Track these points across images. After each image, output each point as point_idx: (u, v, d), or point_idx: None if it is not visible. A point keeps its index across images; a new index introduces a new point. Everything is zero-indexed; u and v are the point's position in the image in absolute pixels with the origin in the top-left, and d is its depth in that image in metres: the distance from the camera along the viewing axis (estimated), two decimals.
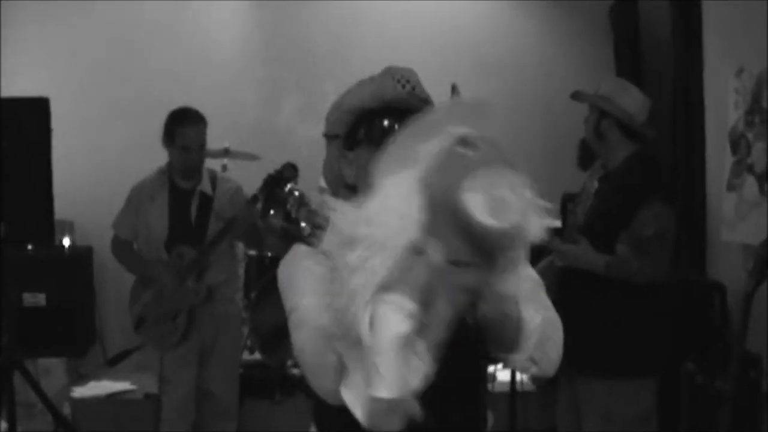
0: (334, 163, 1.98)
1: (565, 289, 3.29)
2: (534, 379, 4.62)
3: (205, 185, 4.33)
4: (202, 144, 4.28)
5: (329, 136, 2.01)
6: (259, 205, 3.98)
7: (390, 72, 2.01)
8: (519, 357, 1.73)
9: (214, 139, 5.72)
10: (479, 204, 1.34)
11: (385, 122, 1.85)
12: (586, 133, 3.73)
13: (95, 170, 6.19)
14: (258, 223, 4.17)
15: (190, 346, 4.25)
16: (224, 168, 5.78)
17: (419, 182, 1.41)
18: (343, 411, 1.63)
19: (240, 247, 5.06)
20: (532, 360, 1.75)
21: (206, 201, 4.30)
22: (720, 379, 3.47)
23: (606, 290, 3.46)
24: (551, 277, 3.38)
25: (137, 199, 4.32)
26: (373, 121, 1.87)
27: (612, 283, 3.45)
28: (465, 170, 1.36)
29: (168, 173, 4.33)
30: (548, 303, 1.85)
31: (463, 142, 1.40)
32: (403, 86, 1.94)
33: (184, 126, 4.22)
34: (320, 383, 1.74)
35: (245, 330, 5.32)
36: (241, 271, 5.37)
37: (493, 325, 1.65)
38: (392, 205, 1.41)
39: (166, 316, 4.21)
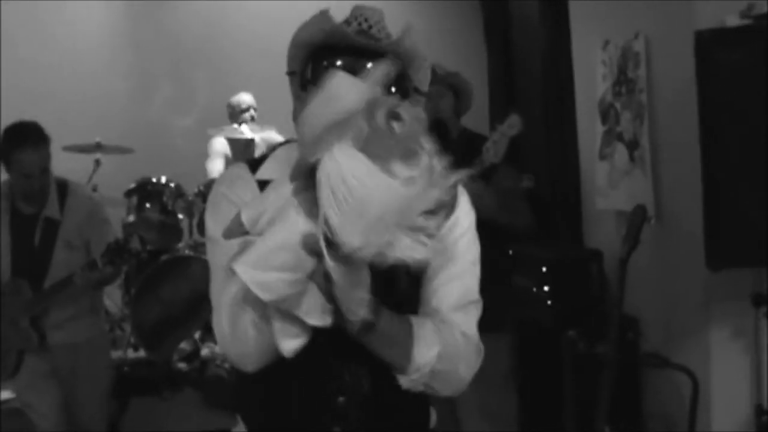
0: (294, 103, 1.79)
1: None
2: None
3: (51, 209, 3.83)
4: (44, 168, 3.73)
5: (289, 74, 1.80)
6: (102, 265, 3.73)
7: (353, 9, 1.74)
8: (406, 382, 1.65)
9: (84, 134, 5.58)
10: (399, 162, 1.32)
11: (326, 62, 1.66)
12: (443, 112, 3.83)
13: None
14: (98, 283, 3.77)
15: (45, 376, 3.88)
16: (97, 163, 5.63)
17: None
18: (261, 382, 1.62)
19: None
20: (424, 384, 1.67)
21: (52, 227, 3.82)
22: (600, 344, 3.56)
23: None
24: None
25: None
26: (318, 61, 1.68)
27: None
28: (393, 146, 1.32)
29: (10, 196, 3.83)
30: (467, 320, 1.75)
31: (393, 115, 1.34)
32: (359, 24, 1.68)
33: (21, 151, 3.65)
34: (235, 348, 1.61)
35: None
36: None
37: (373, 346, 1.59)
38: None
39: None
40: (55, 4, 6.45)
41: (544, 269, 4.20)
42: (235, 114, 6.25)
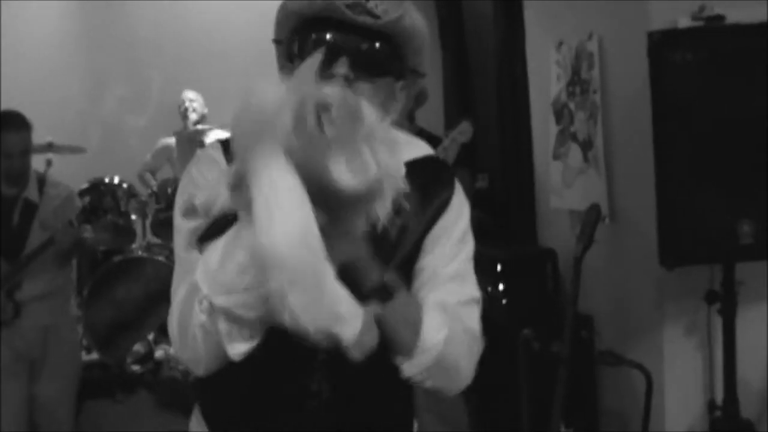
0: (279, 74, 1.66)
1: None
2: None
3: (31, 192, 4.06)
4: (26, 150, 4.00)
5: (276, 41, 1.69)
6: (78, 224, 3.85)
7: None
8: (410, 368, 1.58)
9: (36, 134, 5.49)
10: (341, 168, 1.23)
11: (314, 35, 1.55)
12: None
13: None
14: (77, 242, 3.96)
15: (14, 358, 3.97)
16: (49, 163, 5.55)
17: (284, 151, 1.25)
18: (222, 380, 1.54)
19: None
20: (429, 373, 1.58)
21: (30, 208, 4.04)
22: (556, 343, 3.58)
23: None
24: None
25: None
26: (306, 33, 1.58)
27: None
28: (328, 149, 1.23)
29: None
30: (470, 316, 1.69)
31: (322, 107, 1.24)
32: None
33: (5, 132, 3.91)
34: (186, 353, 1.53)
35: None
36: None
37: (385, 322, 1.49)
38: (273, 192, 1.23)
39: None
40: (5, 3, 6.35)
41: (498, 268, 4.22)
42: (182, 111, 6.21)
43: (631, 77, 3.57)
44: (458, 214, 1.70)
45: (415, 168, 1.51)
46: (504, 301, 4.18)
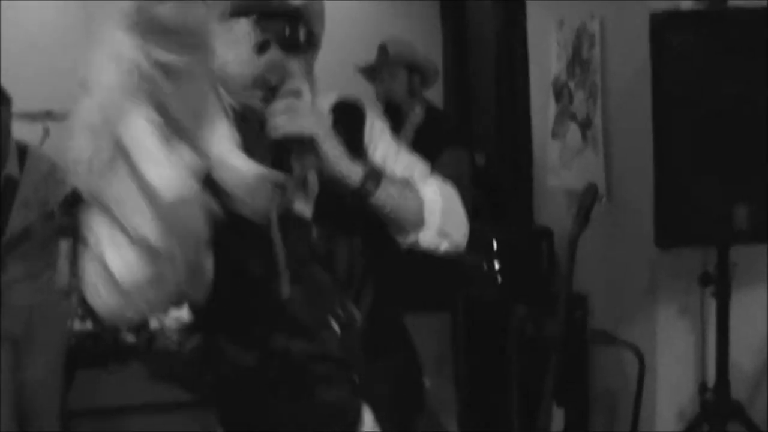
0: None
1: None
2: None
3: (11, 168, 3.85)
4: (5, 127, 3.80)
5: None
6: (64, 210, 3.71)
7: None
8: (425, 237, 1.71)
9: (35, 101, 5.47)
10: None
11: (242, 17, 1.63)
12: (395, 94, 3.91)
13: None
14: (54, 235, 3.78)
15: None
16: (47, 132, 5.52)
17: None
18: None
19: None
20: (442, 233, 1.73)
21: (10, 186, 3.83)
22: (549, 322, 3.60)
23: None
24: None
25: None
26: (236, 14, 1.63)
27: None
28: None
29: None
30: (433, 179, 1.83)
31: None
32: None
33: None
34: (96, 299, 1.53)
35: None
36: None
37: (393, 207, 1.63)
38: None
39: None
40: None
41: (494, 246, 4.23)
42: None
43: (632, 58, 3.56)
44: (381, 124, 1.84)
45: (337, 110, 1.74)
46: (498, 279, 4.19)
